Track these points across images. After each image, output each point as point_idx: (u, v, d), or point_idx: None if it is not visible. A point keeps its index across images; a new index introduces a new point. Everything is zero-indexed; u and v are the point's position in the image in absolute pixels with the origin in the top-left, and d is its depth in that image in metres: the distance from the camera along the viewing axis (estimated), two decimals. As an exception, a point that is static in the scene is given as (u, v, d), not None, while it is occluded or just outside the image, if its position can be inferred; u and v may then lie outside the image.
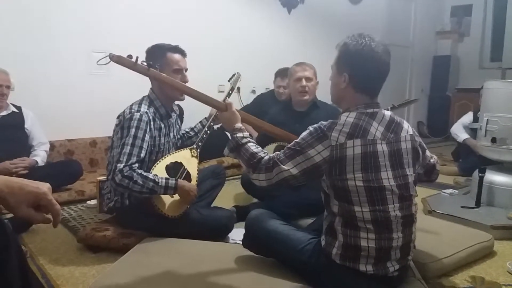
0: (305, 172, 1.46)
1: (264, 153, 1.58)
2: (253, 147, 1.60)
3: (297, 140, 1.50)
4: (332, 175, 1.45)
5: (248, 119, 2.01)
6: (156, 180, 1.93)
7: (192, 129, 2.54)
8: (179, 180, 2.02)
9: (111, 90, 3.66)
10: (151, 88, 2.19)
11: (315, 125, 1.50)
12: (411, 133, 1.57)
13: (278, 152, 1.52)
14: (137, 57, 1.77)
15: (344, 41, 1.56)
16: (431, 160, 1.77)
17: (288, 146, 1.51)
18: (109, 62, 1.80)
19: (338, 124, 1.45)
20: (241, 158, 1.60)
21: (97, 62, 1.80)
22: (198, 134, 2.40)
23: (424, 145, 1.68)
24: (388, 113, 1.55)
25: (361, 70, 1.51)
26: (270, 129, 2.15)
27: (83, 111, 3.53)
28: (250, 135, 1.70)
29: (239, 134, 1.66)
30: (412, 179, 1.53)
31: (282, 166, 1.47)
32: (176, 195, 2.04)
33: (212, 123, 2.39)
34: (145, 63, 1.80)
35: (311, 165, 1.45)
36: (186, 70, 2.18)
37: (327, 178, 1.48)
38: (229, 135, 1.76)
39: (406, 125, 1.58)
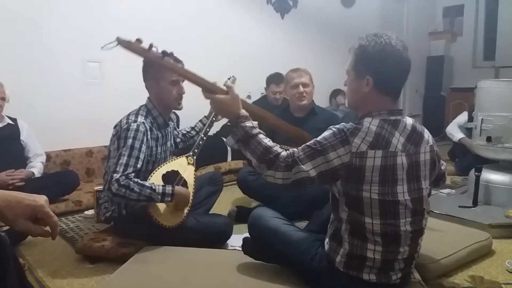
0: (322, 175, 1.39)
1: (279, 147, 1.48)
2: (265, 140, 1.48)
3: (318, 139, 1.42)
4: (348, 182, 1.39)
5: (250, 109, 1.71)
6: (153, 187, 1.93)
7: (193, 128, 2.56)
8: (176, 186, 2.02)
9: (106, 100, 3.65)
10: (148, 97, 2.19)
11: (337, 126, 1.42)
12: (431, 143, 1.51)
13: (295, 149, 1.43)
14: (150, 44, 1.57)
15: (359, 43, 1.47)
16: (442, 168, 1.72)
17: (308, 144, 1.42)
18: (116, 46, 1.61)
19: (362, 131, 1.38)
20: (251, 151, 1.46)
21: (102, 47, 1.61)
22: (200, 133, 2.40)
23: (440, 154, 1.61)
24: (410, 121, 1.49)
25: (386, 70, 1.43)
26: (276, 121, 1.93)
27: (79, 121, 3.52)
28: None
29: (248, 124, 1.49)
30: (426, 193, 1.49)
31: (301, 166, 1.38)
32: (173, 204, 2.04)
33: (214, 119, 2.39)
34: (160, 51, 1.62)
35: (330, 169, 1.38)
36: (183, 81, 2.15)
37: (341, 185, 1.41)
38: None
39: (426, 135, 1.51)
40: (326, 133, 1.42)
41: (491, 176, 2.84)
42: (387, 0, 6.42)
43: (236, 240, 2.14)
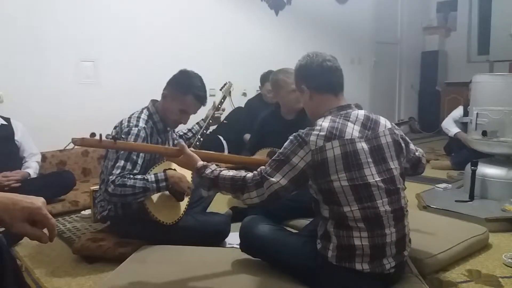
0: (293, 180, 1.48)
1: (243, 171, 1.58)
2: (228, 173, 1.56)
3: (280, 150, 1.53)
4: (317, 178, 1.47)
5: (209, 156, 1.80)
6: (145, 177, 1.92)
7: (189, 130, 2.57)
8: (166, 170, 1.98)
9: (101, 99, 3.64)
10: (152, 100, 2.20)
11: (294, 134, 1.53)
12: (390, 127, 1.61)
13: (262, 167, 1.53)
14: (100, 135, 1.64)
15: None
16: (416, 153, 1.79)
17: (272, 158, 1.53)
18: (73, 148, 1.74)
19: (315, 129, 1.49)
20: (224, 189, 1.56)
21: (61, 150, 1.76)
22: (196, 135, 2.42)
23: (407, 138, 1.71)
24: (362, 112, 1.60)
25: (312, 74, 1.64)
26: (238, 160, 2.10)
27: (74, 121, 3.50)
28: (217, 165, 1.64)
29: (207, 171, 1.57)
30: (397, 172, 1.55)
31: (271, 179, 1.47)
32: (170, 201, 2.03)
33: (211, 121, 2.42)
34: (110, 137, 1.68)
35: (297, 173, 1.47)
36: (191, 113, 2.19)
37: (313, 183, 1.50)
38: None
39: (383, 120, 1.62)
40: (286, 143, 1.53)
41: (487, 170, 2.86)
42: (381, -4, 6.42)
43: (234, 237, 2.13)
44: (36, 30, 3.33)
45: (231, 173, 1.56)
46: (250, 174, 1.53)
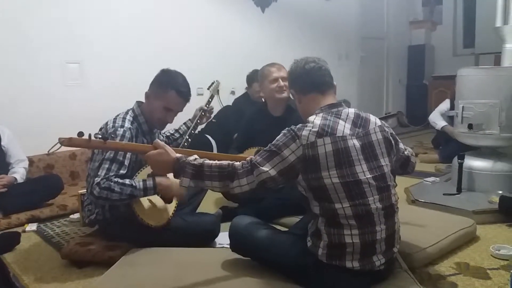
0: (282, 173, 1.48)
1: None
2: (213, 162, 1.52)
3: (272, 142, 1.53)
4: (307, 174, 1.47)
5: (184, 151, 1.71)
6: (134, 184, 1.91)
7: (176, 130, 2.55)
8: (156, 178, 1.97)
9: (88, 101, 3.61)
10: (137, 102, 2.18)
11: (287, 128, 1.54)
12: (380, 124, 1.63)
13: (251, 156, 1.54)
14: (89, 134, 1.56)
15: None
16: (405, 152, 1.80)
17: (264, 149, 1.53)
18: (60, 148, 1.61)
19: (308, 125, 1.51)
20: (209, 177, 1.49)
21: (48, 151, 1.64)
22: (183, 136, 2.41)
23: (396, 137, 1.72)
24: (352, 110, 1.62)
25: (296, 78, 1.72)
26: (225, 158, 2.06)
27: (61, 124, 3.45)
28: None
29: (191, 158, 1.52)
30: (388, 169, 1.56)
31: (261, 167, 1.47)
32: (158, 203, 2.03)
33: (198, 121, 2.42)
34: (100, 136, 1.59)
35: (287, 165, 1.47)
36: (176, 113, 2.17)
37: (303, 179, 1.50)
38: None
39: (373, 118, 1.64)
40: (278, 136, 1.54)
41: (473, 162, 2.88)
42: (367, -9, 6.44)
43: (223, 237, 2.13)
44: (22, 32, 3.28)
45: (218, 162, 1.53)
46: (238, 162, 1.52)
